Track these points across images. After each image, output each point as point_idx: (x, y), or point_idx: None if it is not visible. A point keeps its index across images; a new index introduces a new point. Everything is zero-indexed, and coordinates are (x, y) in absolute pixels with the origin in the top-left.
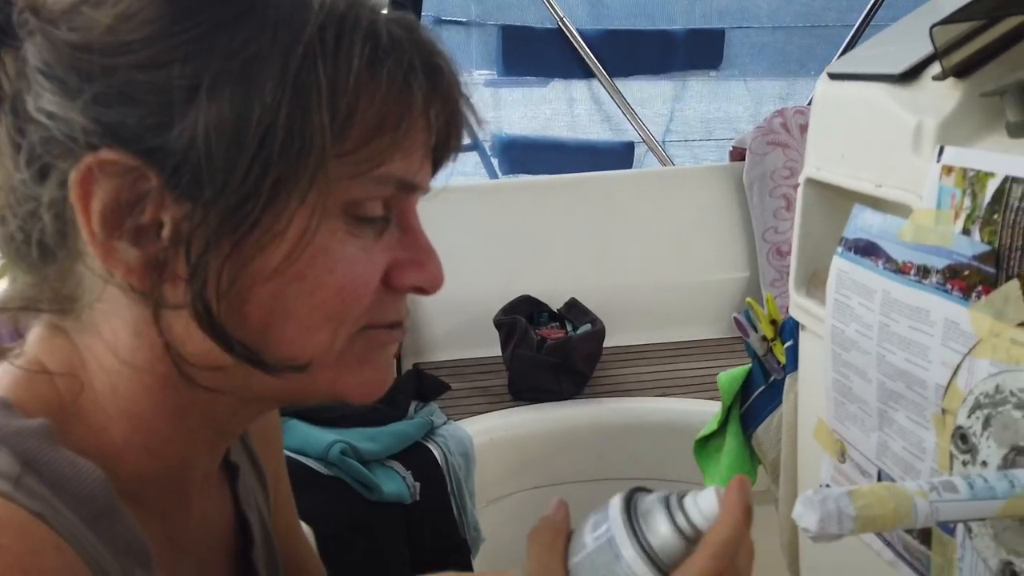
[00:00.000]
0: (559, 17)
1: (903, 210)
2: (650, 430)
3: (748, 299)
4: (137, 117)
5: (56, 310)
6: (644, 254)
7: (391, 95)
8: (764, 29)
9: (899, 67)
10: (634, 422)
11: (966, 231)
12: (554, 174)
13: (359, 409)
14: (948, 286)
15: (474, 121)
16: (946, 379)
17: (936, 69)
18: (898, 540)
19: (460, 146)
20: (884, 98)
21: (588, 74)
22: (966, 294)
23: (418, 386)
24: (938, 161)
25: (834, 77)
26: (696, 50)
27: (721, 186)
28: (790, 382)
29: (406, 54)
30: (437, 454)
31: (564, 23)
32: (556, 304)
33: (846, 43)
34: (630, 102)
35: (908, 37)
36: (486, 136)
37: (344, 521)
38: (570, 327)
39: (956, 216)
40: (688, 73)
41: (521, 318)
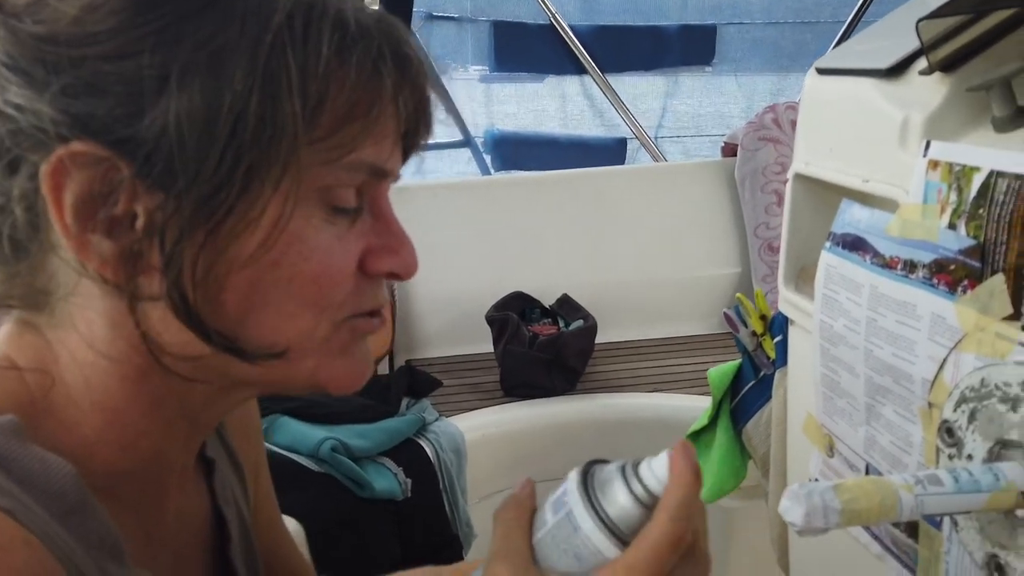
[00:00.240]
0: (551, 13)
1: (890, 205)
2: (642, 426)
3: (738, 295)
4: (107, 108)
5: (28, 305)
6: (636, 250)
7: (361, 82)
8: (756, 25)
9: (886, 62)
10: (626, 418)
11: (952, 226)
12: (546, 170)
13: (350, 406)
14: (934, 280)
15: (441, 107)
16: (932, 373)
17: (923, 64)
18: (885, 533)
19: (430, 133)
20: (871, 93)
21: (580, 70)
22: (952, 288)
23: (410, 383)
24: (924, 156)
25: (822, 72)
26: (688, 46)
27: (713, 182)
28: (779, 377)
29: (375, 41)
30: (429, 451)
31: (556, 19)
32: (548, 300)
33: (838, 38)
34: (622, 98)
35: (896, 32)
36: (478, 132)
37: (335, 518)
38: (562, 323)
39: (942, 211)
40: (680, 69)
41: (513, 314)
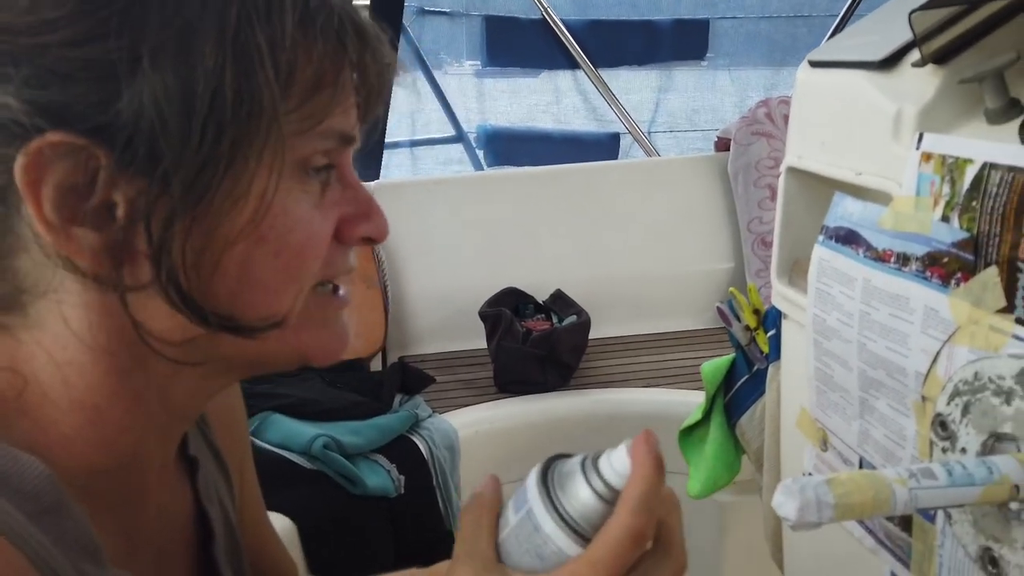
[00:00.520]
0: (543, 8)
1: (883, 198)
2: (635, 421)
3: (731, 289)
4: (77, 95)
5: (1, 308)
6: (630, 245)
7: (327, 51)
8: (749, 19)
9: (879, 54)
10: (619, 413)
11: (945, 218)
12: (539, 165)
13: (343, 403)
14: (928, 273)
15: (398, 72)
16: (926, 366)
17: (916, 56)
18: (879, 527)
19: (388, 99)
20: (864, 85)
21: (573, 65)
22: (945, 281)
23: (403, 379)
24: (917, 148)
25: (815, 65)
26: (681, 40)
27: (706, 177)
28: (773, 371)
29: (335, 11)
30: (422, 447)
31: (549, 13)
32: (542, 296)
33: (831, 32)
34: (615, 93)
35: (888, 24)
36: (471, 127)
37: (328, 516)
38: (556, 319)
39: (935, 203)
40: (673, 64)
41: (506, 310)
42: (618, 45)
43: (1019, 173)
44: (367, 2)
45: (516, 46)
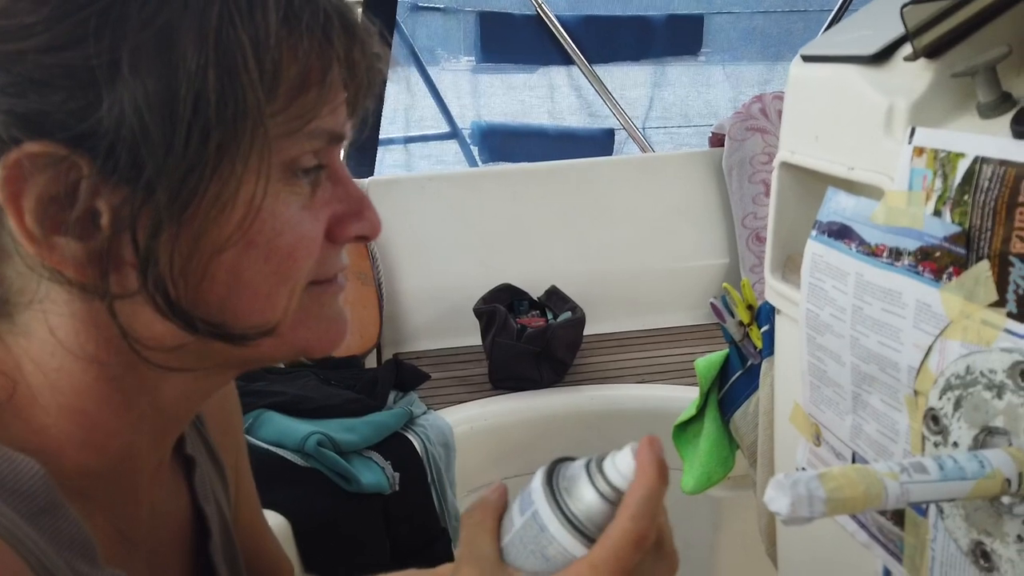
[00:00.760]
0: (537, 3)
1: (876, 192)
2: (630, 417)
3: (724, 284)
4: (56, 103)
5: None
6: (624, 241)
7: (313, 48)
8: (743, 14)
9: (871, 48)
10: (614, 409)
11: (937, 212)
12: (534, 162)
13: (337, 400)
14: (920, 268)
15: (386, 69)
16: (918, 361)
17: (908, 50)
18: (872, 522)
19: (376, 94)
20: (857, 80)
21: (567, 60)
22: (937, 276)
23: (397, 376)
24: (909, 142)
25: (807, 59)
26: (675, 36)
27: (701, 172)
28: (767, 367)
29: (320, 6)
30: (417, 444)
31: (542, 9)
32: (536, 292)
33: (826, 26)
34: (609, 88)
35: (881, 18)
36: (465, 124)
37: (322, 513)
38: (550, 315)
39: (927, 198)
40: (667, 59)
41: (501, 307)
42: (612, 40)
43: (1011, 167)
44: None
45: (510, 42)
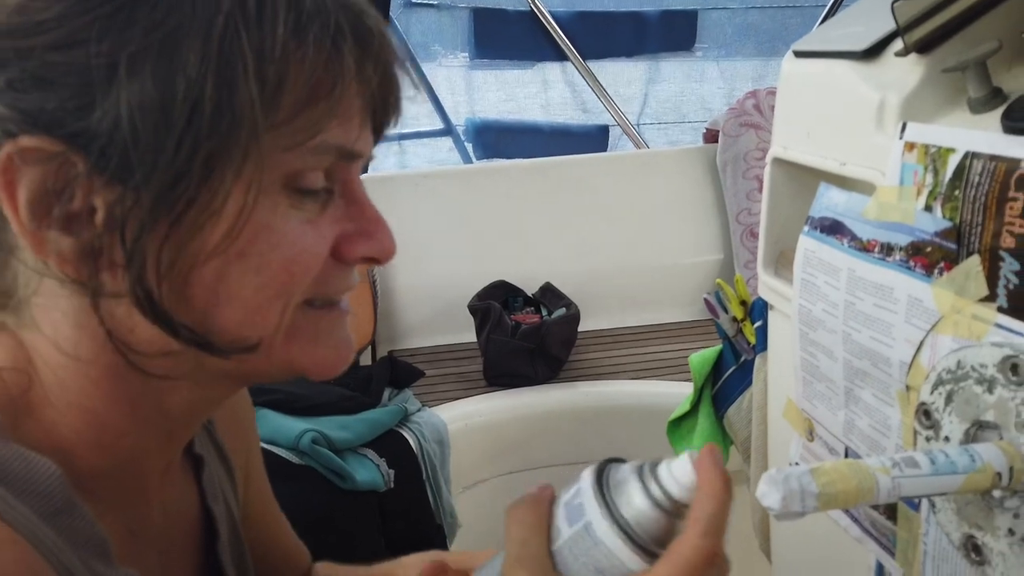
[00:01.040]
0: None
1: (867, 188)
2: (624, 413)
3: (718, 280)
4: (57, 100)
5: (3, 307)
6: (619, 237)
7: (320, 60)
8: (738, 10)
9: (862, 44)
10: (609, 405)
11: (928, 208)
12: (528, 158)
13: (331, 397)
14: (911, 263)
15: (410, 84)
16: (910, 356)
17: (899, 45)
18: (865, 516)
19: (400, 109)
20: (848, 75)
21: (561, 57)
22: (928, 271)
23: (392, 373)
24: (901, 138)
25: (799, 55)
26: (669, 31)
27: (695, 168)
28: (760, 362)
29: (332, 16)
30: (412, 441)
31: (536, 5)
32: (531, 289)
33: (819, 22)
34: (604, 85)
35: (872, 14)
36: (459, 120)
37: (317, 510)
38: (545, 312)
39: (918, 193)
40: (661, 55)
41: (495, 303)
42: (606, 36)
43: (1001, 162)
44: None
45: (504, 38)
